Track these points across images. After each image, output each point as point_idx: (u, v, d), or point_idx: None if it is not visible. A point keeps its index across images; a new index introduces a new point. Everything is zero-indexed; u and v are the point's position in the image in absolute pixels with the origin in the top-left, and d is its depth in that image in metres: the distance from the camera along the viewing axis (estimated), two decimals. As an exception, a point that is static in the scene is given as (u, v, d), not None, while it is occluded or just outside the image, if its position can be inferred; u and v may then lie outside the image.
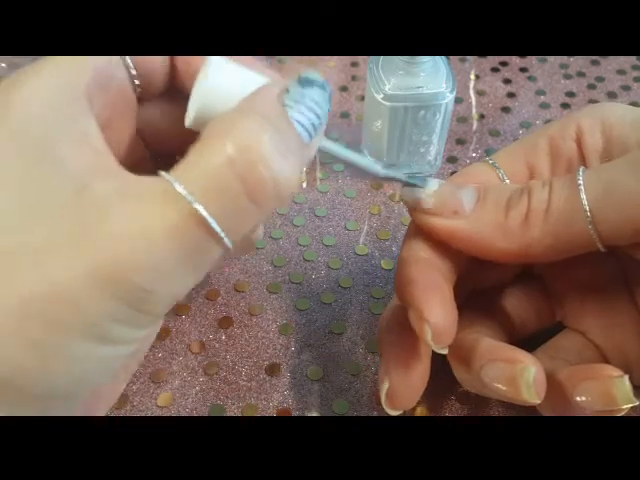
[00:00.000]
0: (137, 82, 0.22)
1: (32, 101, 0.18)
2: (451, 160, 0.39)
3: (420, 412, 0.28)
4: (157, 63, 0.22)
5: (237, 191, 0.17)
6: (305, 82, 0.19)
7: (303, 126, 0.19)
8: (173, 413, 0.28)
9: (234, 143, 0.17)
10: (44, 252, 0.16)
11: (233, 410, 0.28)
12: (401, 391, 0.24)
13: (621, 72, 0.45)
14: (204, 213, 0.17)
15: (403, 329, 0.24)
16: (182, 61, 0.23)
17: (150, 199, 0.17)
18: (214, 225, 0.17)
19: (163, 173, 0.17)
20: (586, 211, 0.21)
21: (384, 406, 0.24)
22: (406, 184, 0.24)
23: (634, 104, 0.43)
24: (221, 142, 0.17)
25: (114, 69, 0.21)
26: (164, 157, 0.24)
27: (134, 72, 0.22)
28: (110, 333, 0.17)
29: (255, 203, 0.17)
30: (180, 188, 0.16)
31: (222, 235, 0.17)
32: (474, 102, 0.43)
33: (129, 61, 0.21)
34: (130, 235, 0.16)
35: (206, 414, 0.28)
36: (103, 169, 0.18)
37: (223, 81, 0.20)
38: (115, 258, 0.16)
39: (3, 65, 0.44)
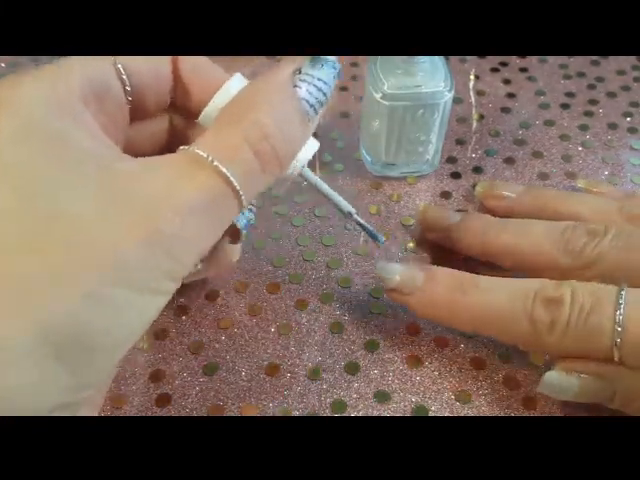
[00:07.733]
0: (129, 97, 0.23)
1: (35, 99, 0.19)
2: (450, 160, 0.39)
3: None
4: (150, 78, 0.24)
5: (250, 160, 0.21)
6: (316, 62, 0.23)
7: (309, 103, 0.22)
8: (173, 413, 0.28)
9: (248, 126, 0.21)
10: (92, 222, 0.18)
11: (233, 410, 0.28)
12: None
13: (621, 72, 0.45)
14: (228, 173, 0.20)
15: None
16: (185, 86, 0.25)
17: (177, 165, 0.20)
18: (235, 183, 0.20)
19: (185, 147, 0.20)
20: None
21: None
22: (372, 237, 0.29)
23: (634, 104, 0.43)
24: (238, 125, 0.21)
25: (109, 79, 0.22)
26: None
27: (128, 88, 0.23)
28: (153, 283, 0.19)
29: (263, 170, 0.21)
30: (205, 154, 0.20)
31: (241, 193, 0.20)
32: (474, 102, 0.43)
33: (123, 75, 0.23)
34: (165, 195, 0.19)
35: (205, 414, 0.28)
36: (118, 155, 0.20)
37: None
38: (155, 215, 0.19)
39: (3, 65, 0.44)
